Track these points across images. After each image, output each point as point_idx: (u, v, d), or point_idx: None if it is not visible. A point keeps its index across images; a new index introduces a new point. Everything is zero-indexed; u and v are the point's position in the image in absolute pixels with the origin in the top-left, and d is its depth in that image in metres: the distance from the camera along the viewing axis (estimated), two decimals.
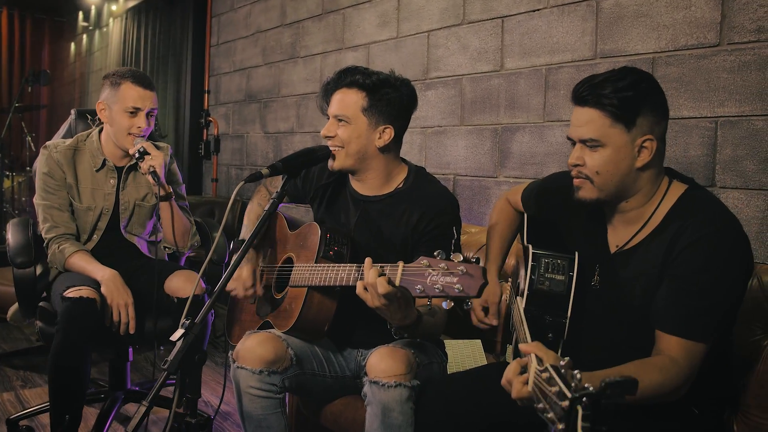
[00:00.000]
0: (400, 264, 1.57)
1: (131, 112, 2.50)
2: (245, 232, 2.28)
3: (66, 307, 2.25)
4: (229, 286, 2.09)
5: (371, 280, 1.60)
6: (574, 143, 1.61)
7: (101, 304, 2.34)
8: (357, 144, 1.97)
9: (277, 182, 2.31)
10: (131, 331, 2.39)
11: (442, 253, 1.52)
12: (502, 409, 1.69)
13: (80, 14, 8.83)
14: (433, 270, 1.50)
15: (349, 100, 1.96)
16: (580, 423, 1.02)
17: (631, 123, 1.53)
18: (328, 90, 2.03)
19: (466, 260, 1.49)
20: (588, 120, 1.55)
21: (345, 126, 1.97)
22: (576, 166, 1.60)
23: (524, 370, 1.29)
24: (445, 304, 1.52)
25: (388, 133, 1.99)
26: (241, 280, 2.10)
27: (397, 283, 1.56)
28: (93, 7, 8.32)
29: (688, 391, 1.50)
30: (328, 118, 2.02)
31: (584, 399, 1.03)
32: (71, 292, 2.28)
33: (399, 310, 1.66)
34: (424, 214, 1.96)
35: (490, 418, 1.69)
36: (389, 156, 2.04)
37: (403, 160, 2.11)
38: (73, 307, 2.25)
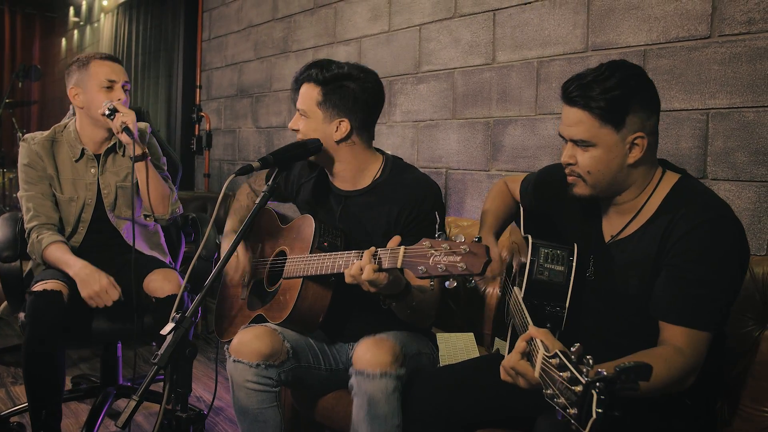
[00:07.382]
0: (402, 248, 1.60)
1: (108, 87, 2.49)
2: (230, 226, 2.30)
3: (31, 301, 2.26)
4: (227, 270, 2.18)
5: (363, 263, 1.66)
6: (566, 140, 1.61)
7: (69, 297, 2.32)
8: (314, 137, 2.00)
9: (261, 181, 2.32)
10: (114, 298, 2.35)
11: (443, 234, 1.55)
12: (491, 403, 1.70)
13: (71, 10, 8.78)
14: (436, 250, 1.52)
15: (307, 95, 2.01)
16: (594, 407, 1.02)
17: (621, 123, 1.52)
18: (294, 84, 2.08)
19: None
20: (577, 121, 1.54)
21: (305, 120, 2.01)
22: (569, 165, 1.60)
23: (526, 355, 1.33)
24: (448, 284, 1.54)
25: (344, 127, 1.98)
26: (239, 263, 2.15)
27: (398, 265, 1.59)
28: (84, 3, 8.28)
29: None
30: None
31: (598, 384, 1.03)
32: (37, 287, 2.29)
33: (388, 286, 1.70)
34: (405, 205, 1.97)
35: (480, 410, 1.69)
36: (355, 148, 2.03)
37: (379, 151, 2.11)
38: (37, 300, 2.25)
